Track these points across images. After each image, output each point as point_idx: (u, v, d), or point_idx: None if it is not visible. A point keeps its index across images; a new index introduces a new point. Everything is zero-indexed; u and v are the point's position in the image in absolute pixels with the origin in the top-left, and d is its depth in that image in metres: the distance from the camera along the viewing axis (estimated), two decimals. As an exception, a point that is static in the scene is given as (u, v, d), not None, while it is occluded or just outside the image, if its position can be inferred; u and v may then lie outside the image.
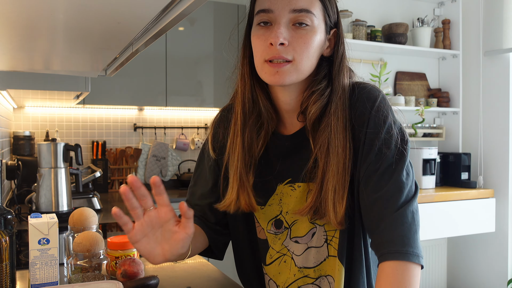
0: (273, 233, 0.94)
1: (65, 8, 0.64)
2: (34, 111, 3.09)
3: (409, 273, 0.74)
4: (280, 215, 0.93)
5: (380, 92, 0.87)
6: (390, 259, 0.76)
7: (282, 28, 0.80)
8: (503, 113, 3.00)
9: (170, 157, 3.46)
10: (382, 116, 0.83)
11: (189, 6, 0.65)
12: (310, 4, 0.81)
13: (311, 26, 0.82)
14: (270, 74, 0.82)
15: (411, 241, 0.76)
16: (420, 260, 0.76)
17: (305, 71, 0.84)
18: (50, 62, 1.22)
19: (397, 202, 0.79)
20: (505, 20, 2.97)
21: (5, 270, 0.93)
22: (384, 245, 0.78)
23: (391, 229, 0.77)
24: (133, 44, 0.95)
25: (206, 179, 1.00)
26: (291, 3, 0.80)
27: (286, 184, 0.92)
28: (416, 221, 0.79)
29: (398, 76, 3.22)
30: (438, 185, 3.08)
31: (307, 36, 0.81)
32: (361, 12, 3.06)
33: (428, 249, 3.25)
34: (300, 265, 0.93)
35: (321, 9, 0.84)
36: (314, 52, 0.83)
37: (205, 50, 3.26)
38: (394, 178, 0.80)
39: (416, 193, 0.82)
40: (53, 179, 1.93)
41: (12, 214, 0.99)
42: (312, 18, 0.81)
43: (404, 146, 0.83)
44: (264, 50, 0.82)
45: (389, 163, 0.81)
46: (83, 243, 0.94)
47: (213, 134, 0.99)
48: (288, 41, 0.80)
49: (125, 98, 3.09)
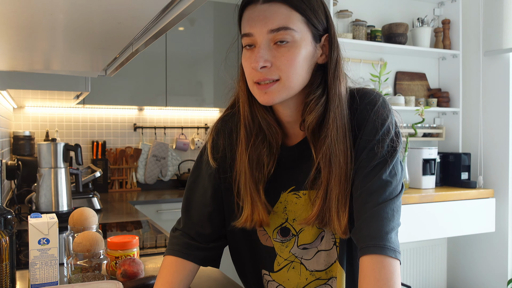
0: (280, 241, 0.94)
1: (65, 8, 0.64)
2: (34, 111, 3.09)
3: (388, 268, 0.75)
4: (286, 222, 0.93)
5: (380, 96, 0.87)
6: (368, 253, 0.77)
7: (262, 51, 0.80)
8: (503, 113, 3.00)
9: (170, 157, 3.46)
10: (381, 120, 0.83)
11: (189, 6, 0.65)
12: (287, 21, 0.79)
13: (292, 41, 0.80)
14: (259, 95, 0.83)
15: (388, 236, 0.77)
16: (397, 255, 0.77)
17: (295, 87, 0.83)
18: (50, 62, 1.22)
19: (378, 198, 0.80)
20: (505, 20, 2.97)
21: (5, 270, 0.93)
22: (362, 239, 0.79)
23: (370, 223, 0.79)
24: (133, 44, 0.95)
25: (204, 187, 0.98)
26: (268, 24, 0.79)
27: (290, 192, 0.92)
28: (395, 219, 0.80)
29: (398, 76, 3.22)
30: (438, 185, 3.08)
31: (289, 53, 0.80)
32: (361, 12, 3.06)
33: (428, 249, 3.25)
34: (312, 269, 0.93)
35: (302, 21, 0.81)
36: (301, 66, 0.82)
37: (205, 50, 3.26)
38: (379, 175, 0.81)
39: (400, 193, 0.82)
40: (53, 179, 1.93)
41: (12, 214, 0.99)
42: (292, 33, 0.79)
43: (396, 147, 0.83)
44: (251, 73, 0.83)
45: (379, 161, 0.82)
46: (83, 243, 0.94)
47: (213, 145, 0.98)
48: (271, 62, 0.80)
49: (125, 98, 3.09)
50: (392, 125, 0.84)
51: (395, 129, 0.85)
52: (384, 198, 0.80)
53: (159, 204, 2.90)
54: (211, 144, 0.98)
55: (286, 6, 0.80)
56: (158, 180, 3.46)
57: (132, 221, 2.09)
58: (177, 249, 0.95)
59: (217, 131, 0.98)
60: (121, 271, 1.03)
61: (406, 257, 3.15)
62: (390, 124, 0.84)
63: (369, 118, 0.84)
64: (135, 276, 1.04)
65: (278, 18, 0.79)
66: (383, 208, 0.79)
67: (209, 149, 0.97)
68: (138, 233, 1.87)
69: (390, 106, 0.87)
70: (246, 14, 0.83)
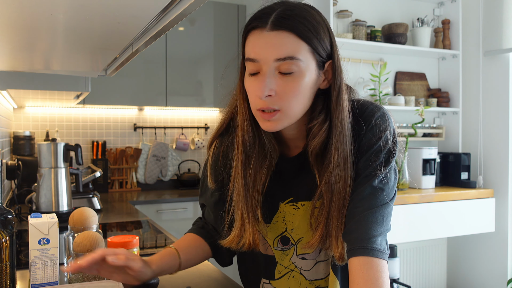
0: (280, 249, 0.95)
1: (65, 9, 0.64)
2: (34, 111, 3.09)
3: (375, 268, 0.77)
4: (285, 232, 0.94)
5: (379, 108, 0.86)
6: (356, 254, 0.78)
7: (268, 80, 0.79)
8: (503, 113, 3.00)
9: (170, 157, 3.46)
10: (379, 132, 0.84)
11: (189, 6, 0.65)
12: (295, 50, 0.78)
13: (298, 71, 0.79)
14: (262, 122, 0.83)
15: (375, 239, 0.79)
16: (384, 256, 0.79)
17: (296, 114, 0.83)
18: (50, 62, 1.23)
19: (369, 204, 0.81)
20: (505, 20, 2.97)
21: (5, 270, 0.93)
22: (351, 241, 0.80)
23: (360, 226, 0.80)
24: (133, 44, 0.95)
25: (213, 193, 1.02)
26: (275, 52, 0.78)
27: (288, 203, 0.93)
28: (385, 225, 0.81)
29: (398, 76, 3.22)
30: (438, 185, 3.08)
31: (294, 83, 0.79)
32: (361, 12, 3.06)
33: (428, 249, 3.25)
34: (311, 278, 0.94)
35: (308, 50, 0.79)
36: (304, 95, 0.82)
37: (205, 50, 3.26)
38: (371, 182, 0.82)
39: (391, 200, 0.83)
40: (53, 179, 1.93)
41: (12, 214, 0.99)
42: (299, 63, 0.78)
43: (391, 157, 0.84)
44: (255, 100, 0.82)
45: (372, 169, 0.83)
46: (83, 243, 0.95)
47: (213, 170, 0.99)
48: (275, 91, 0.79)
49: (125, 98, 3.09)
50: (390, 136, 0.85)
51: (393, 140, 0.85)
52: (375, 204, 0.81)
53: (159, 204, 2.90)
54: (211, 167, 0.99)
55: (293, 35, 0.77)
56: (158, 180, 3.46)
57: (132, 221, 2.09)
58: (194, 228, 1.06)
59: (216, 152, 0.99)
60: (121, 271, 1.03)
61: (406, 257, 3.15)
62: (389, 135, 0.84)
63: (368, 129, 0.84)
64: (135, 276, 1.03)
65: (286, 48, 0.77)
66: (373, 213, 0.80)
67: (209, 171, 1.00)
68: (138, 233, 1.87)
69: (389, 117, 0.86)
70: (252, 38, 0.81)
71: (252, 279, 1.02)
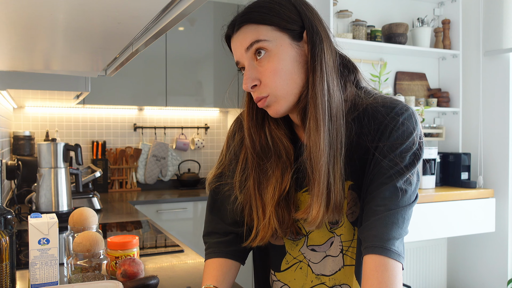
0: (291, 238, 0.95)
1: (65, 8, 0.64)
2: (34, 111, 3.09)
3: (391, 271, 0.76)
4: (298, 221, 0.93)
5: (408, 108, 0.85)
6: (373, 252, 0.78)
7: (248, 72, 0.83)
8: (503, 113, 3.00)
9: (170, 157, 3.46)
10: (407, 132, 0.83)
11: (189, 6, 0.65)
12: (256, 35, 0.81)
13: (269, 50, 0.81)
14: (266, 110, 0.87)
15: (396, 242, 0.78)
16: (400, 259, 0.78)
17: (289, 93, 0.83)
18: (50, 62, 1.22)
19: (392, 204, 0.80)
20: (505, 20, 2.97)
21: (5, 270, 0.93)
22: (370, 238, 0.79)
23: (380, 225, 0.79)
24: (133, 44, 0.95)
25: None
26: (241, 45, 0.83)
27: (305, 192, 0.92)
28: (404, 227, 0.80)
29: (398, 76, 3.22)
30: (438, 185, 3.08)
31: (270, 64, 0.81)
32: (361, 12, 3.06)
33: (428, 249, 3.25)
34: (318, 272, 0.94)
35: (272, 29, 0.81)
36: (287, 71, 0.81)
37: (205, 50, 3.26)
38: (394, 182, 0.81)
39: (413, 203, 0.82)
40: (53, 179, 1.93)
41: (12, 214, 0.99)
42: (266, 44, 0.81)
43: (417, 159, 0.83)
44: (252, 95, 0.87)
45: (397, 169, 0.82)
46: (83, 243, 0.94)
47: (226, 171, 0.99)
48: (259, 79, 0.83)
49: (125, 98, 3.09)
50: (417, 137, 0.84)
51: (419, 141, 0.84)
52: (397, 205, 0.80)
53: (159, 204, 2.90)
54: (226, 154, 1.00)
55: (252, 24, 0.82)
56: (158, 180, 3.46)
57: (132, 221, 2.09)
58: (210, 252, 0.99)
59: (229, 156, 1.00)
60: (121, 271, 1.03)
61: (406, 257, 3.15)
62: (416, 136, 0.83)
63: (395, 129, 0.83)
64: (135, 276, 1.04)
65: (248, 36, 0.82)
66: (394, 214, 0.79)
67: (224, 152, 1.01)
68: (138, 233, 1.87)
69: (417, 118, 0.85)
70: (231, 46, 0.88)
71: (261, 270, 1.03)
